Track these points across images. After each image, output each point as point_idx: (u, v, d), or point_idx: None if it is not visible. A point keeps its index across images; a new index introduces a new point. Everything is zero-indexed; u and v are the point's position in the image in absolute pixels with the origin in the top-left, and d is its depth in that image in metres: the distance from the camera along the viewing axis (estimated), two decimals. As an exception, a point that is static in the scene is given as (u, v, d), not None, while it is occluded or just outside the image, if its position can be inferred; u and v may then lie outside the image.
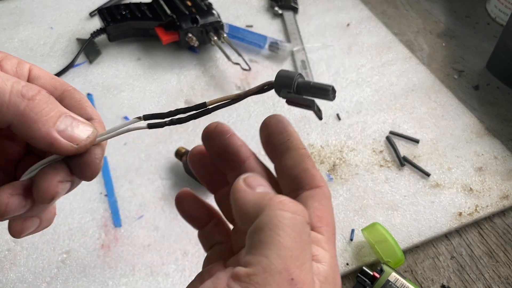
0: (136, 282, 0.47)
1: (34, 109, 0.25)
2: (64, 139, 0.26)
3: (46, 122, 0.25)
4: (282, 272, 0.21)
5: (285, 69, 0.27)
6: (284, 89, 0.27)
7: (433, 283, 0.48)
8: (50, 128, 0.25)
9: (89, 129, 0.27)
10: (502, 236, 0.52)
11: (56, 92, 0.29)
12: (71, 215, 0.52)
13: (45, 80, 0.29)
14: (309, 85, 0.27)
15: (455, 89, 0.68)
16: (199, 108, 0.28)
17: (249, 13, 0.80)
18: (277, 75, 0.27)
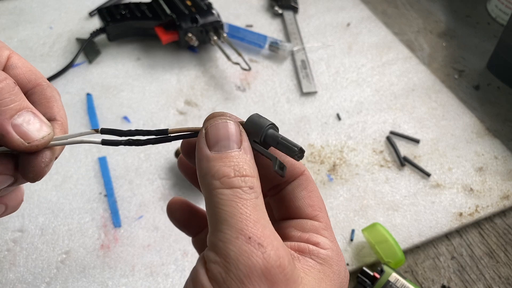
0: (136, 282, 0.47)
1: None
2: (16, 134, 0.25)
3: (3, 112, 0.25)
4: (238, 236, 0.22)
5: (259, 115, 0.26)
6: (251, 137, 0.26)
7: (434, 284, 0.48)
8: (5, 120, 0.25)
9: (46, 130, 0.26)
10: (503, 236, 0.52)
11: (28, 85, 0.29)
12: (70, 216, 0.52)
13: (20, 71, 0.28)
14: (276, 140, 0.25)
15: (455, 89, 0.68)
16: (160, 134, 0.27)
17: (249, 12, 0.80)
18: (248, 119, 0.26)
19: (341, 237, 0.50)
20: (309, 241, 0.26)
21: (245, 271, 0.22)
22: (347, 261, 0.48)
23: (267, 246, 0.22)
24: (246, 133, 0.26)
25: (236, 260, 0.22)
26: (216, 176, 0.24)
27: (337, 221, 0.52)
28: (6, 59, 0.29)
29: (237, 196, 0.23)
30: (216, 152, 0.25)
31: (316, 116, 0.63)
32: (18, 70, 0.28)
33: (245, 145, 0.25)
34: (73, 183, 0.55)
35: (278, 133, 0.26)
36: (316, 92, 0.66)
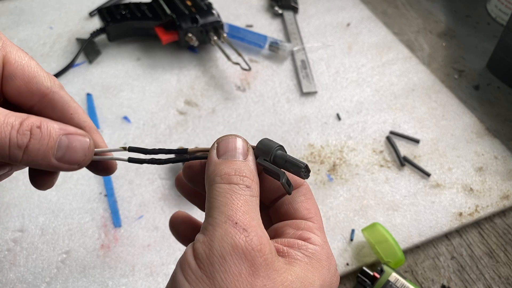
0: (136, 282, 0.47)
1: (31, 154, 0.26)
2: (65, 164, 0.27)
3: (44, 157, 0.26)
4: (226, 221, 0.24)
5: (269, 139, 0.29)
6: (262, 156, 0.28)
7: (434, 283, 0.48)
8: (49, 160, 0.26)
9: (86, 143, 0.28)
10: (503, 236, 0.52)
11: (33, 99, 0.28)
12: (70, 215, 0.52)
13: (20, 82, 0.28)
14: (284, 159, 0.28)
15: (455, 89, 0.68)
16: (180, 153, 0.30)
17: (249, 12, 0.80)
18: (259, 142, 0.29)
19: (341, 237, 0.50)
20: (301, 237, 0.27)
21: (227, 249, 0.23)
22: (347, 260, 0.48)
23: (251, 232, 0.24)
24: (258, 153, 0.29)
25: (220, 239, 0.24)
26: (219, 174, 0.26)
27: (337, 221, 0.52)
28: (1, 63, 0.28)
29: (233, 190, 0.25)
30: (223, 159, 0.27)
31: (316, 116, 0.63)
32: (18, 82, 0.28)
33: (250, 158, 0.27)
34: (73, 183, 0.55)
35: (285, 154, 0.28)
36: (316, 92, 0.66)
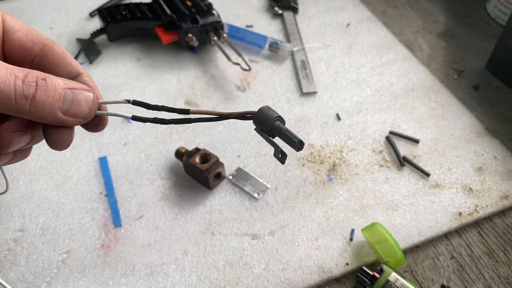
0: (136, 282, 0.47)
1: (37, 105, 0.26)
2: (70, 118, 0.28)
3: (50, 110, 0.27)
4: None
5: (269, 108, 0.29)
6: (259, 126, 0.29)
7: (433, 283, 0.48)
8: (55, 113, 0.27)
9: (90, 97, 0.29)
10: (502, 236, 0.52)
11: (34, 48, 0.29)
12: (71, 215, 0.52)
13: (21, 34, 0.29)
14: (280, 131, 0.29)
15: (455, 89, 0.68)
16: (182, 113, 0.30)
17: (249, 13, 0.80)
18: (259, 111, 0.29)
19: (340, 236, 0.50)
20: None
21: None
22: (346, 260, 0.49)
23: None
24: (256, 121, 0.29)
25: None
26: None
27: (336, 221, 0.52)
28: (1, 22, 0.28)
29: None
30: None
31: (316, 116, 0.63)
32: (19, 34, 0.29)
33: None
34: (73, 183, 0.55)
35: (283, 125, 0.29)
36: (316, 92, 0.66)
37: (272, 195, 0.54)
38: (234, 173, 0.56)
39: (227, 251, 0.49)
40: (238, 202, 0.54)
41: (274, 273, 0.48)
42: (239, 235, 0.51)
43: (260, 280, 0.47)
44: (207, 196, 0.54)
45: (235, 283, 0.47)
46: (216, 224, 0.52)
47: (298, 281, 0.47)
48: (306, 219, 0.52)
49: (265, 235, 0.51)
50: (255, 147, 0.59)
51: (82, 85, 0.29)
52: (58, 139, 0.29)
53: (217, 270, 0.48)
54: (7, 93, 0.25)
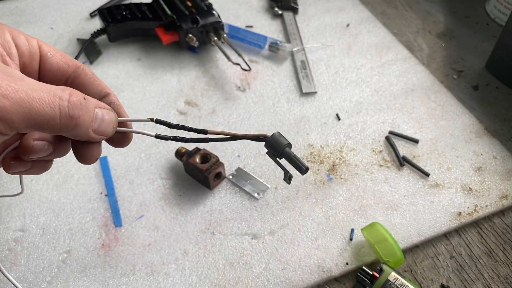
0: (137, 281, 0.47)
1: (79, 124, 0.28)
2: (98, 135, 0.30)
3: (87, 129, 0.29)
4: None
5: (280, 134, 0.32)
6: (271, 150, 0.32)
7: (433, 283, 0.48)
8: (89, 132, 0.29)
9: (114, 116, 0.31)
10: (501, 235, 0.52)
11: (68, 70, 0.32)
12: (71, 215, 0.52)
13: (57, 58, 0.31)
14: (290, 158, 0.32)
15: (454, 89, 0.68)
16: (201, 133, 0.33)
17: (249, 13, 0.80)
18: (272, 136, 0.32)
19: (340, 236, 0.51)
20: None
21: None
22: (346, 260, 0.49)
23: None
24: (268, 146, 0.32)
25: None
26: None
27: (336, 221, 0.52)
28: (38, 48, 0.31)
29: None
30: None
31: (315, 116, 0.63)
32: (55, 58, 0.31)
33: None
34: (74, 182, 0.55)
35: (292, 152, 0.32)
36: (316, 92, 0.67)
37: (272, 195, 0.54)
38: (234, 173, 0.56)
39: (227, 250, 0.49)
40: (238, 202, 0.54)
41: (274, 272, 0.48)
42: (239, 235, 0.51)
43: (260, 279, 0.47)
44: (207, 196, 0.54)
45: (235, 283, 0.47)
46: (216, 223, 0.52)
47: (298, 281, 0.47)
48: (306, 219, 0.52)
49: (265, 235, 0.51)
50: (255, 147, 0.59)
51: (107, 105, 0.31)
52: (88, 154, 0.31)
53: (217, 270, 0.48)
54: (51, 115, 0.26)
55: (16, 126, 0.25)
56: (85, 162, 0.32)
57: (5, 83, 0.25)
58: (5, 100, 0.24)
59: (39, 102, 0.26)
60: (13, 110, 0.25)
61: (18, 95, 0.25)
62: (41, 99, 0.26)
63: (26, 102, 0.25)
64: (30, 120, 0.26)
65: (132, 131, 0.33)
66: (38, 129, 0.27)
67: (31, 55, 0.30)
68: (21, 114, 0.25)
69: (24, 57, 0.30)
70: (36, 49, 0.31)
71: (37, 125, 0.26)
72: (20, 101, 0.25)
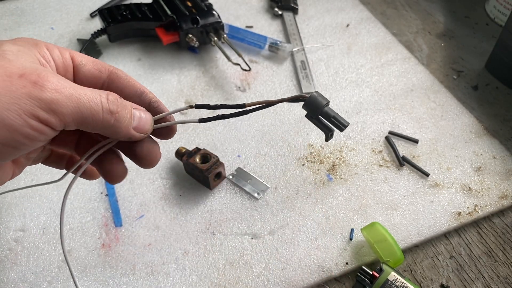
0: (137, 281, 0.47)
1: (119, 120, 0.30)
2: (138, 133, 0.32)
3: (126, 126, 0.31)
4: None
5: (319, 93, 0.32)
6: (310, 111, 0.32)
7: (432, 283, 0.48)
8: (129, 129, 0.31)
9: (149, 118, 0.32)
10: (501, 235, 0.52)
11: (102, 76, 0.33)
12: (72, 215, 0.52)
13: (90, 66, 0.33)
14: (329, 116, 0.32)
15: (454, 89, 0.68)
16: (240, 107, 0.33)
17: (249, 13, 0.80)
18: (311, 97, 0.32)
19: (340, 236, 0.51)
20: None
21: None
22: (346, 260, 0.49)
23: None
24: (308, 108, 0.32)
25: None
26: None
27: (336, 220, 0.52)
28: (70, 59, 0.32)
29: None
30: None
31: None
32: (88, 66, 0.33)
33: None
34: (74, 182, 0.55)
35: (331, 111, 0.32)
36: (316, 92, 0.67)
37: (272, 194, 0.54)
38: (234, 173, 0.56)
39: (227, 250, 0.50)
40: (238, 202, 0.54)
41: (274, 272, 0.48)
42: (239, 235, 0.51)
43: (260, 279, 0.47)
44: (207, 195, 0.54)
45: (235, 283, 0.47)
46: (216, 223, 0.52)
47: (298, 281, 0.47)
48: (306, 219, 0.52)
49: (265, 235, 0.51)
50: (255, 147, 0.60)
51: (140, 107, 0.32)
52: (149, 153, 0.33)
53: (217, 270, 0.48)
54: (96, 109, 0.28)
55: (66, 120, 0.27)
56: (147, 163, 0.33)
57: (56, 79, 0.27)
58: (57, 94, 0.26)
59: (85, 97, 0.27)
60: (64, 103, 0.26)
61: (68, 90, 0.27)
62: (86, 95, 0.28)
63: (74, 97, 0.27)
64: (78, 114, 0.27)
65: (174, 122, 0.34)
66: (83, 124, 0.28)
67: (65, 67, 0.32)
68: (70, 108, 0.27)
69: (59, 69, 0.31)
70: (69, 61, 0.32)
71: (83, 119, 0.28)
72: (70, 95, 0.27)
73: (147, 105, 0.33)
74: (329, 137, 0.33)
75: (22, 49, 0.28)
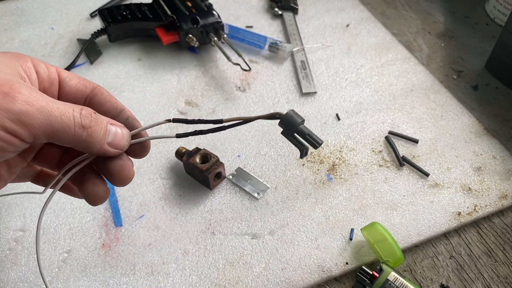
0: (137, 281, 0.47)
1: (92, 135, 0.30)
2: (112, 148, 0.32)
3: (100, 141, 0.31)
4: None
5: (294, 111, 0.33)
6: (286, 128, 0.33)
7: (432, 283, 0.48)
8: (103, 145, 0.31)
9: (125, 134, 0.33)
10: (501, 235, 0.52)
11: (86, 91, 0.34)
12: (72, 215, 0.52)
13: (75, 81, 0.34)
14: (304, 134, 0.33)
15: (454, 89, 0.68)
16: (217, 123, 0.34)
17: (249, 13, 0.80)
18: (286, 115, 0.32)
19: (340, 236, 0.51)
20: None
21: None
22: (346, 259, 0.49)
23: None
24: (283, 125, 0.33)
25: None
26: None
27: (336, 220, 0.52)
28: (56, 74, 0.33)
29: None
30: None
31: (315, 116, 0.64)
32: (74, 82, 0.34)
33: None
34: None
35: (305, 129, 0.33)
36: (316, 92, 0.67)
37: (272, 194, 0.54)
38: (234, 173, 0.56)
39: (227, 250, 0.50)
40: (238, 202, 0.54)
41: (274, 272, 0.48)
42: (239, 235, 0.51)
43: (260, 279, 0.47)
44: (207, 195, 0.54)
45: (235, 282, 0.47)
46: (216, 223, 0.52)
47: (298, 281, 0.47)
48: (306, 219, 0.52)
49: (265, 235, 0.51)
50: (255, 147, 0.60)
51: (119, 123, 0.33)
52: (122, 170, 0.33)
53: (217, 270, 0.48)
54: (67, 123, 0.28)
55: (36, 132, 0.27)
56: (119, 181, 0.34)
57: (28, 91, 0.27)
58: (28, 106, 0.27)
59: (57, 111, 0.28)
60: (35, 116, 0.27)
61: (39, 103, 0.27)
62: (59, 108, 0.28)
63: (46, 110, 0.27)
64: (49, 127, 0.28)
65: (150, 138, 0.34)
66: (54, 137, 0.28)
67: (51, 80, 0.32)
68: (41, 121, 0.27)
69: (44, 82, 0.32)
70: (55, 75, 0.33)
71: (54, 133, 0.28)
72: (41, 108, 0.27)
73: (124, 122, 0.34)
74: (303, 155, 0.34)
75: (2, 62, 0.29)
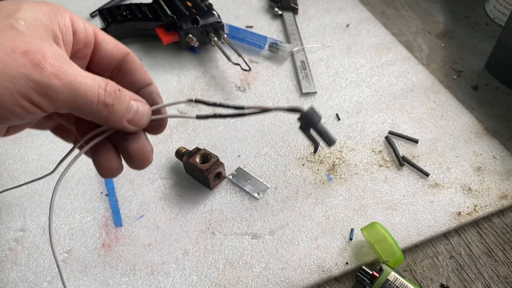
0: (137, 281, 0.47)
1: (113, 113, 0.30)
2: (131, 125, 0.31)
3: (121, 119, 0.30)
4: None
5: (314, 109, 0.33)
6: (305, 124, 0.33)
7: (432, 282, 0.48)
8: (123, 121, 0.31)
9: (146, 111, 0.32)
10: (501, 235, 0.52)
11: (120, 56, 0.33)
12: (72, 215, 0.52)
13: (111, 45, 0.33)
14: (321, 132, 0.34)
15: (454, 89, 0.68)
16: (238, 108, 0.33)
17: (249, 13, 0.80)
18: (308, 111, 0.33)
19: (340, 236, 0.51)
20: None
21: None
22: (346, 259, 0.49)
23: None
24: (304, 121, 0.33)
25: None
26: None
27: (336, 220, 0.52)
28: (93, 35, 0.32)
29: None
30: None
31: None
32: (109, 46, 0.33)
33: None
34: (74, 182, 0.55)
35: (323, 127, 0.33)
36: (316, 92, 0.67)
37: (272, 194, 0.54)
38: (234, 173, 0.56)
39: (227, 250, 0.50)
40: (238, 202, 0.54)
41: (274, 272, 0.48)
42: (239, 235, 0.51)
43: (260, 279, 0.47)
44: (207, 195, 0.54)
45: (235, 282, 0.47)
46: (216, 223, 0.52)
47: (298, 280, 0.47)
48: (306, 219, 0.52)
49: (265, 235, 0.51)
50: (255, 147, 0.60)
51: (142, 99, 0.32)
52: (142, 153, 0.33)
53: (217, 270, 0.48)
54: (91, 99, 0.28)
55: (58, 105, 0.27)
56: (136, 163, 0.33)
57: (59, 63, 0.26)
58: (56, 80, 0.26)
59: (83, 87, 0.27)
60: (60, 90, 0.26)
61: (67, 78, 0.27)
62: (86, 84, 0.28)
63: (73, 85, 0.27)
64: (73, 101, 0.27)
65: (170, 116, 0.34)
66: (75, 111, 0.28)
67: (87, 42, 0.31)
68: (66, 95, 0.27)
69: (79, 43, 0.31)
70: (92, 36, 0.32)
71: (76, 107, 0.28)
72: (69, 83, 0.27)
73: (147, 96, 0.33)
74: (317, 150, 0.36)
75: (39, 19, 0.28)
